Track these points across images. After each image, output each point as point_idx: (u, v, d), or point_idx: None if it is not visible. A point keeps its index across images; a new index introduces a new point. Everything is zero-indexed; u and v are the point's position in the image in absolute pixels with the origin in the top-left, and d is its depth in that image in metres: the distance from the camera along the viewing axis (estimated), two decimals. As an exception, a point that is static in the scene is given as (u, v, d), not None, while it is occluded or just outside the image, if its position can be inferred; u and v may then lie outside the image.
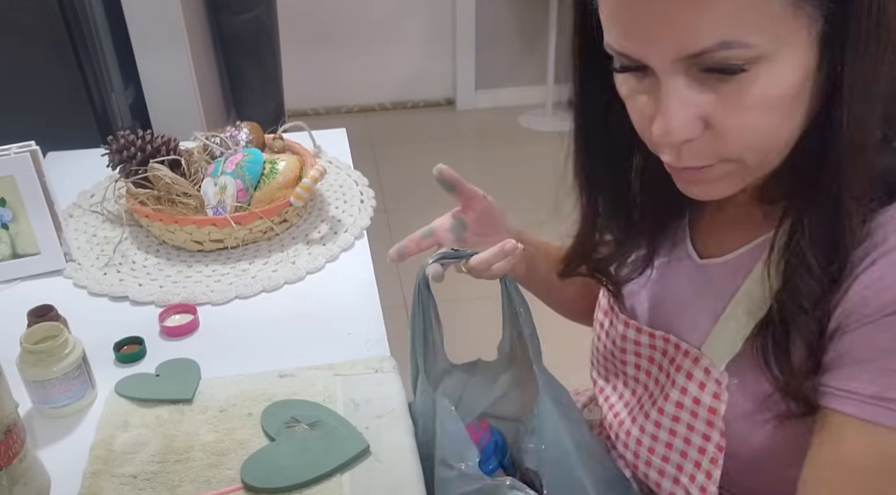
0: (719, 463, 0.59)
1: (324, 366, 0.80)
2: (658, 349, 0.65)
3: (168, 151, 1.08)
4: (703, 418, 0.60)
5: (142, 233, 1.08)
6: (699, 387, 0.60)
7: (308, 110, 3.47)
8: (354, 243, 1.05)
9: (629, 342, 0.68)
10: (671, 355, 0.63)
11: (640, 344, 0.67)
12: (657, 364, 0.66)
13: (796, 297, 0.51)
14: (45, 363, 0.72)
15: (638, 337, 0.67)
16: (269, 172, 1.06)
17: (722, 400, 0.58)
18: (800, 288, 0.51)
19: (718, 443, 0.59)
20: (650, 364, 0.67)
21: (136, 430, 0.72)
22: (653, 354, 0.66)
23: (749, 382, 0.57)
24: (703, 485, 0.60)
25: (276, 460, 0.68)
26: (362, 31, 3.36)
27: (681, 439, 0.62)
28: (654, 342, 0.65)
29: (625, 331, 0.68)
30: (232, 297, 0.94)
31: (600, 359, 0.74)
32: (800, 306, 0.51)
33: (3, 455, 0.60)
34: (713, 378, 0.59)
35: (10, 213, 0.97)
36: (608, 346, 0.71)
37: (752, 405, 0.57)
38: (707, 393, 0.59)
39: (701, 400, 0.59)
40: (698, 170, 0.52)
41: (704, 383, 0.59)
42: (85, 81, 1.58)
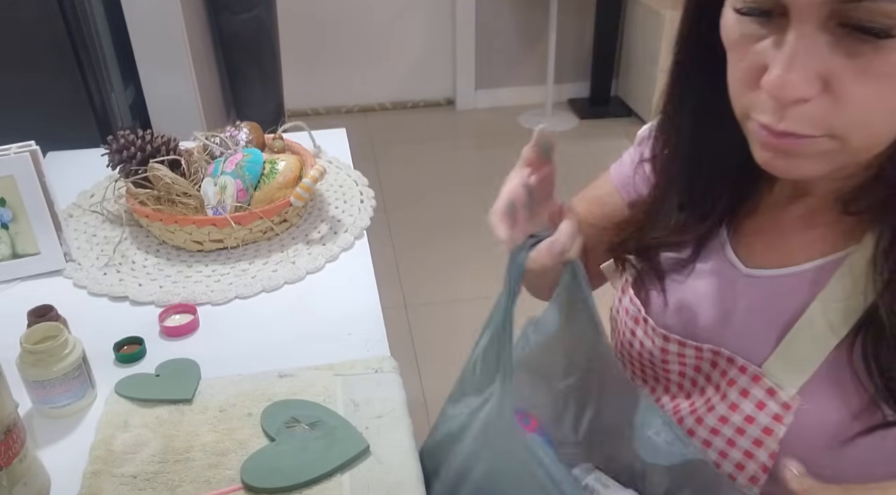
0: (761, 481, 0.57)
1: (324, 366, 0.80)
2: (706, 360, 0.61)
3: (168, 151, 1.08)
4: (750, 436, 0.56)
5: (142, 233, 1.08)
6: (757, 407, 0.56)
7: (308, 110, 3.47)
8: (354, 243, 1.05)
9: (672, 354, 0.63)
10: (722, 368, 0.59)
11: (686, 356, 0.62)
12: (704, 374, 0.62)
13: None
14: (45, 363, 0.72)
15: (682, 350, 0.62)
16: (268, 172, 1.06)
17: (785, 423, 0.54)
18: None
19: (764, 464, 0.56)
20: (696, 373, 0.62)
21: (136, 430, 0.72)
22: (700, 364, 0.62)
23: (821, 406, 0.53)
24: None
25: (276, 460, 0.68)
26: (362, 32, 3.36)
27: (714, 452, 0.59)
28: (701, 354, 0.61)
29: (664, 344, 0.63)
30: (232, 297, 0.94)
31: (636, 364, 0.69)
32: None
33: (3, 455, 0.60)
34: (780, 400, 0.54)
35: (10, 213, 0.97)
36: (645, 355, 0.66)
37: (830, 429, 0.53)
38: (766, 413, 0.55)
39: (756, 419, 0.56)
40: (796, 140, 0.47)
41: (765, 403, 0.55)
42: (85, 81, 1.58)
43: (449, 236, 2.50)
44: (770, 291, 0.58)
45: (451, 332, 2.01)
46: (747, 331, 0.58)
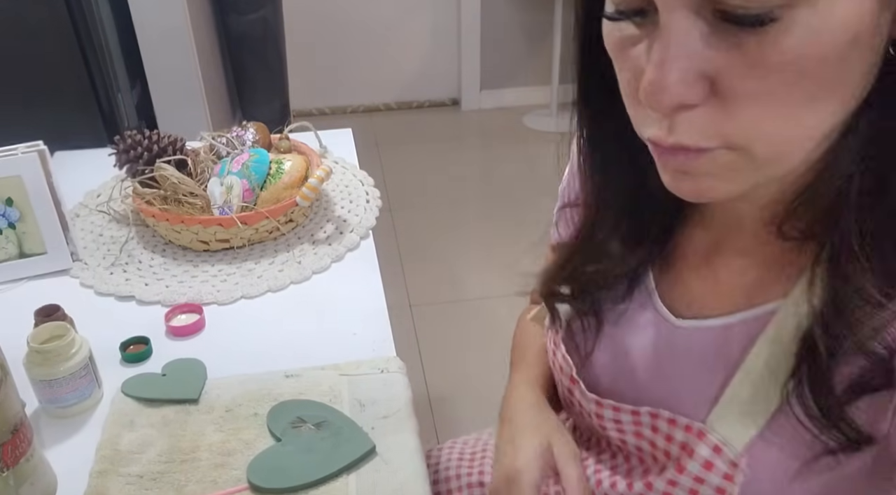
0: None
1: (329, 367, 0.80)
2: (646, 425, 0.56)
3: (174, 151, 1.08)
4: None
5: (148, 232, 1.08)
6: (705, 467, 0.51)
7: (313, 110, 3.47)
8: (360, 243, 1.05)
9: (608, 420, 0.58)
10: (664, 431, 0.54)
11: (622, 422, 0.57)
12: (647, 440, 0.56)
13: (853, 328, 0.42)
14: (52, 362, 0.72)
15: (617, 415, 0.57)
16: (275, 172, 1.06)
17: (736, 482, 0.50)
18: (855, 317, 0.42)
19: None
20: (638, 439, 0.57)
21: (143, 430, 0.72)
22: (640, 430, 0.56)
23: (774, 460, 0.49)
24: None
25: (282, 460, 0.68)
26: (368, 32, 3.36)
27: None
28: (639, 419, 0.56)
29: (598, 409, 0.59)
30: (238, 297, 0.94)
31: (575, 426, 0.67)
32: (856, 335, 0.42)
33: (10, 454, 0.60)
34: (726, 458, 0.50)
35: (17, 213, 0.97)
36: (585, 417, 0.62)
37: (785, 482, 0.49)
38: (715, 474, 0.51)
39: (706, 480, 0.51)
40: (693, 155, 0.41)
41: (712, 462, 0.51)
42: (92, 81, 1.58)
43: (454, 236, 2.50)
44: (708, 342, 0.53)
45: (457, 333, 2.01)
46: (687, 386, 0.53)
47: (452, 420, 1.74)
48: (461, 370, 1.85)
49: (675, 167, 0.43)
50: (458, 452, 0.88)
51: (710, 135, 0.39)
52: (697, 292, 0.55)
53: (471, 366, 1.85)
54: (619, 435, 0.59)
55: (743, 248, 0.52)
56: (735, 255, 0.53)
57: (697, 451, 0.51)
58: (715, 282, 0.54)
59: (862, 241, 0.41)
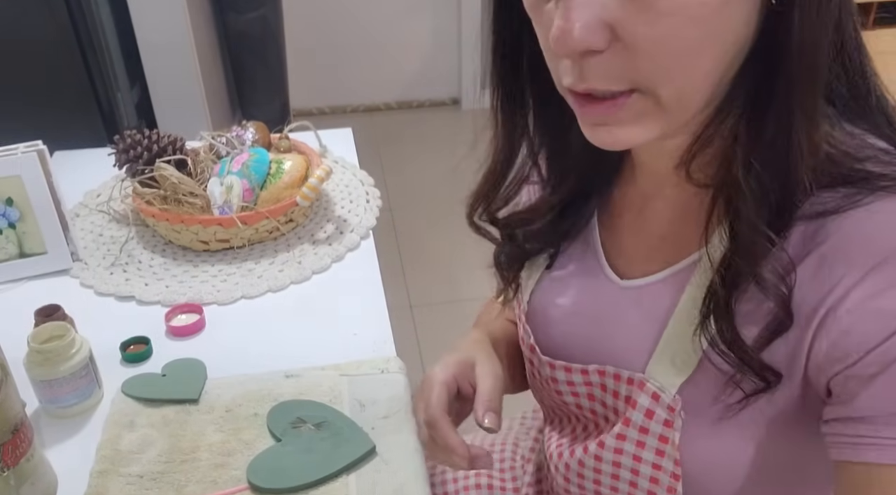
0: (678, 491, 0.55)
1: (330, 367, 0.80)
2: (595, 385, 0.58)
3: (174, 151, 1.08)
4: (651, 447, 0.54)
5: (148, 232, 1.08)
6: (647, 416, 0.53)
7: (313, 110, 3.47)
8: (360, 243, 1.05)
9: (562, 383, 0.61)
10: (612, 388, 0.57)
11: (574, 383, 0.60)
12: (599, 400, 0.59)
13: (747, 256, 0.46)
14: (52, 362, 0.72)
15: (569, 377, 0.60)
16: (275, 172, 1.06)
17: (675, 427, 0.52)
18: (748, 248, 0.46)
19: (673, 472, 0.54)
20: (591, 401, 0.60)
21: (143, 430, 0.72)
22: (591, 391, 0.59)
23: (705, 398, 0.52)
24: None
25: (282, 460, 0.68)
26: (368, 31, 3.36)
27: (627, 470, 0.57)
28: (588, 379, 0.59)
29: (552, 373, 0.62)
30: (238, 297, 0.94)
31: (537, 394, 0.68)
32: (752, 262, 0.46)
33: (11, 454, 0.60)
34: (664, 404, 0.52)
35: (17, 213, 0.97)
36: (543, 385, 0.65)
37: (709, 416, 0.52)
38: (656, 421, 0.53)
39: (650, 429, 0.54)
40: (607, 104, 0.45)
41: (653, 410, 0.53)
42: (91, 81, 1.58)
43: (454, 236, 2.50)
44: (648, 298, 0.56)
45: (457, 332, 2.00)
46: (629, 341, 0.56)
47: (452, 419, 1.74)
48: (461, 369, 1.85)
49: (593, 120, 0.47)
50: None
51: (616, 78, 0.44)
52: (635, 250, 0.59)
53: (471, 365, 1.85)
54: (574, 398, 0.61)
55: (666, 202, 0.56)
56: (661, 210, 0.57)
57: (639, 402, 0.54)
58: (648, 239, 0.58)
59: (749, 177, 0.45)
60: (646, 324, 0.55)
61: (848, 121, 0.48)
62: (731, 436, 0.52)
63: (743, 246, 0.46)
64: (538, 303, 0.65)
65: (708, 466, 0.53)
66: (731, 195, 0.47)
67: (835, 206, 0.45)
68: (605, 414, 0.60)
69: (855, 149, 0.47)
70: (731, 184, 0.46)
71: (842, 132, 0.47)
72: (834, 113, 0.48)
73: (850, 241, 0.44)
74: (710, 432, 0.52)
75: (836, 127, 0.47)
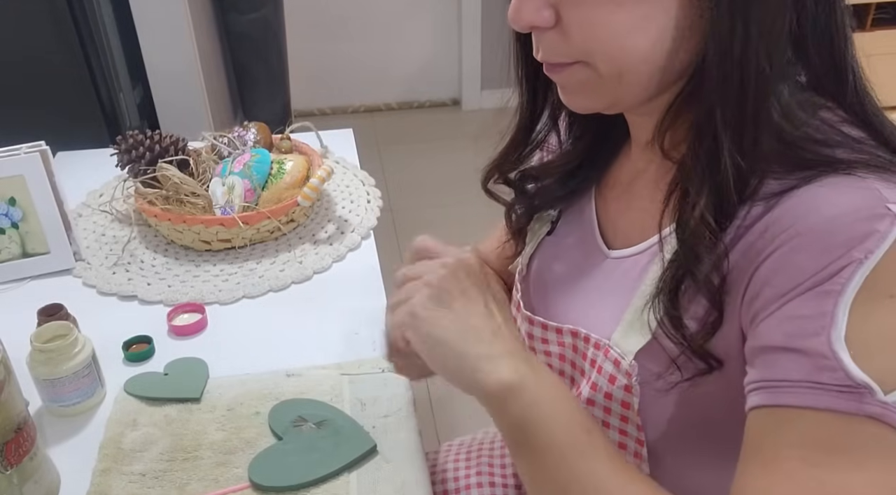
0: (644, 456, 0.56)
1: (331, 366, 0.81)
2: (567, 345, 0.61)
3: (176, 151, 1.09)
4: (616, 413, 0.56)
5: (150, 232, 1.08)
6: (609, 381, 0.55)
7: (314, 110, 3.47)
8: (361, 243, 1.06)
9: (537, 340, 0.63)
10: (582, 350, 0.59)
11: (548, 341, 0.62)
12: (569, 361, 0.61)
13: (692, 246, 0.48)
14: (55, 362, 0.72)
15: (545, 334, 0.62)
16: (276, 172, 1.06)
17: (634, 393, 0.54)
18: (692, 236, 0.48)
19: (638, 438, 0.56)
20: (561, 362, 0.62)
21: (145, 429, 0.73)
22: (563, 352, 0.62)
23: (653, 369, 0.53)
24: None
25: (284, 459, 0.68)
26: (368, 31, 3.36)
27: None
28: (562, 338, 0.61)
29: (530, 328, 0.64)
30: (239, 297, 0.94)
31: None
32: (696, 255, 0.48)
33: (14, 453, 0.61)
34: (623, 369, 0.54)
35: (20, 213, 0.98)
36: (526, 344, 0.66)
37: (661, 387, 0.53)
38: (618, 386, 0.55)
39: (613, 395, 0.56)
40: (558, 69, 0.51)
41: (615, 376, 0.55)
42: (94, 81, 1.59)
43: (455, 236, 2.50)
44: (624, 268, 0.58)
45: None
46: (602, 308, 0.58)
47: (452, 420, 1.74)
48: (462, 369, 1.85)
49: (557, 83, 0.54)
50: (458, 452, 0.88)
51: (560, 52, 0.50)
52: (622, 222, 0.61)
53: (471, 365, 1.85)
54: (547, 358, 0.63)
55: (649, 177, 0.58)
56: (644, 183, 0.59)
57: (604, 367, 0.56)
58: (632, 212, 0.60)
59: (696, 160, 0.48)
60: (620, 294, 0.57)
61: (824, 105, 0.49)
62: (684, 405, 0.53)
63: (687, 234, 0.48)
64: (535, 266, 0.68)
65: (667, 432, 0.55)
66: (684, 178, 0.49)
67: (789, 186, 0.46)
68: (572, 374, 0.61)
69: (825, 136, 0.47)
70: (684, 165, 0.49)
71: (818, 120, 0.48)
72: (806, 97, 0.49)
73: (789, 211, 0.45)
74: (666, 401, 0.53)
75: (813, 115, 0.48)
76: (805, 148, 0.47)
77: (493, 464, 0.84)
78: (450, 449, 0.89)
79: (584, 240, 0.64)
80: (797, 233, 0.44)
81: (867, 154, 0.46)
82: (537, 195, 0.68)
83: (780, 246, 0.45)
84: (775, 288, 0.45)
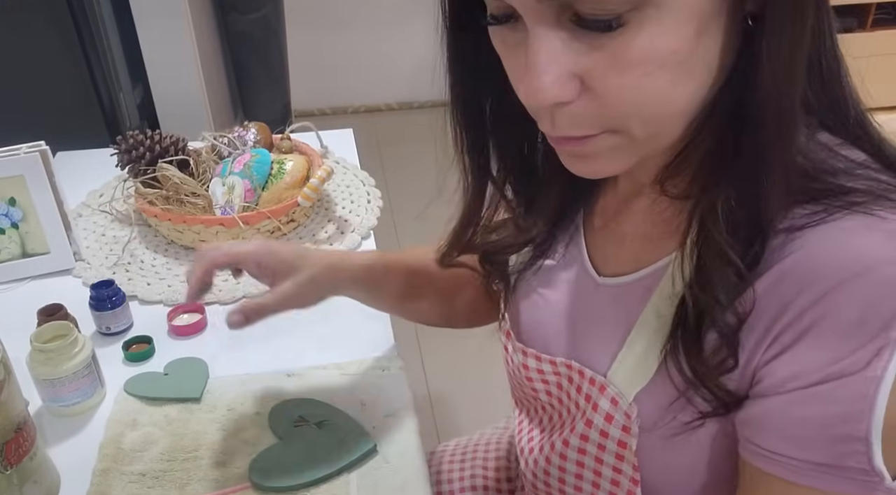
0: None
1: (331, 366, 0.81)
2: (563, 376, 0.58)
3: (176, 151, 1.09)
4: (612, 451, 0.54)
5: (150, 232, 1.08)
6: (606, 420, 0.53)
7: (315, 110, 3.47)
8: (361, 243, 1.06)
9: (532, 371, 0.62)
10: (577, 382, 0.57)
11: (544, 372, 0.60)
12: (565, 391, 0.59)
13: (711, 289, 0.45)
14: (55, 362, 0.72)
15: (539, 365, 0.61)
16: (276, 172, 1.06)
17: (632, 433, 0.52)
18: (714, 279, 0.45)
19: (633, 477, 0.54)
20: (559, 391, 0.60)
21: (145, 429, 0.73)
22: (560, 381, 0.59)
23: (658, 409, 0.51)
24: None
25: (284, 459, 0.68)
26: (369, 32, 3.36)
27: (590, 471, 0.57)
28: (557, 369, 0.59)
29: (524, 360, 0.62)
30: (240, 297, 0.94)
31: (512, 384, 0.69)
32: (715, 298, 0.45)
33: (14, 453, 0.60)
34: (622, 409, 0.52)
35: (20, 213, 0.98)
36: (515, 373, 0.65)
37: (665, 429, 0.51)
38: (615, 426, 0.53)
39: (609, 434, 0.54)
40: (579, 141, 0.45)
41: (612, 415, 0.53)
42: (94, 81, 1.59)
43: (455, 236, 2.50)
44: (617, 298, 0.55)
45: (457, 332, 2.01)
46: (597, 341, 0.56)
47: (453, 420, 1.74)
48: (461, 370, 1.86)
49: (567, 152, 0.48)
50: (452, 453, 0.88)
51: (589, 124, 0.44)
52: (609, 251, 0.59)
53: (471, 365, 1.86)
54: (544, 386, 0.62)
55: (640, 207, 0.56)
56: (636, 213, 0.57)
57: (600, 405, 0.54)
58: (622, 240, 0.57)
59: (718, 200, 0.45)
60: (614, 326, 0.55)
61: (827, 130, 0.47)
62: (687, 449, 0.51)
63: (709, 272, 0.45)
64: (520, 290, 0.66)
65: (664, 474, 0.53)
66: (702, 214, 0.46)
67: (802, 223, 0.44)
68: (568, 405, 0.60)
69: (825, 163, 0.46)
70: (703, 201, 0.46)
71: (815, 143, 0.46)
72: (810, 123, 0.47)
73: (811, 260, 0.43)
74: (667, 443, 0.51)
75: (811, 139, 0.46)
76: (814, 177, 0.45)
77: (487, 468, 0.84)
78: (444, 451, 0.89)
79: (571, 264, 0.62)
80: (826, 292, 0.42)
81: (873, 180, 0.45)
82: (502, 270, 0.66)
83: (809, 308, 0.42)
84: (805, 362, 0.43)
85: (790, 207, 0.44)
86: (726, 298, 0.45)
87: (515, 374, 0.65)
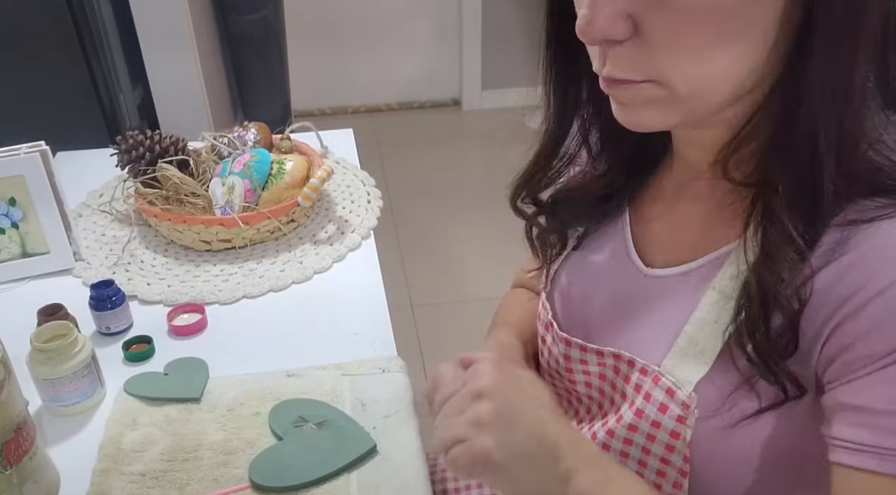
0: (684, 487, 0.54)
1: (331, 366, 0.80)
2: (608, 367, 0.58)
3: (176, 151, 1.09)
4: (661, 441, 0.54)
5: (150, 232, 1.08)
6: (660, 410, 0.53)
7: (315, 110, 3.47)
8: (361, 243, 1.06)
9: (574, 361, 0.61)
10: (624, 373, 0.57)
11: (588, 362, 0.60)
12: (609, 381, 0.59)
13: (776, 268, 0.45)
14: (55, 361, 0.72)
15: (583, 356, 0.60)
16: (276, 172, 1.06)
17: (688, 424, 0.52)
18: (778, 257, 0.45)
19: (681, 469, 0.54)
20: (601, 381, 0.60)
21: (145, 429, 0.73)
22: (603, 372, 0.59)
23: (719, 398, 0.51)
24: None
25: (284, 459, 0.68)
26: (368, 32, 3.36)
27: (634, 462, 0.57)
28: (602, 360, 0.59)
29: (566, 350, 0.62)
30: (240, 297, 0.94)
31: (547, 376, 0.68)
32: (780, 277, 0.45)
33: (13, 453, 0.60)
34: (678, 400, 0.52)
35: (20, 213, 0.98)
36: (552, 364, 0.65)
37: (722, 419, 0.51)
38: (670, 416, 0.52)
39: (662, 423, 0.53)
40: (624, 86, 0.46)
41: (666, 405, 0.52)
42: (94, 82, 1.59)
43: (455, 236, 2.50)
44: (669, 289, 0.56)
45: (458, 332, 2.01)
46: (647, 331, 0.56)
47: (453, 419, 1.74)
48: (462, 370, 1.85)
49: (616, 99, 0.49)
50: None
51: (633, 68, 0.45)
52: (662, 239, 0.59)
53: (472, 365, 1.85)
54: (585, 377, 0.61)
55: (699, 196, 0.56)
56: (693, 203, 0.57)
57: (653, 395, 0.53)
58: (676, 229, 0.57)
59: (786, 185, 0.45)
60: (666, 316, 0.55)
61: None
62: (743, 440, 0.51)
63: (775, 255, 0.46)
64: (562, 281, 0.66)
65: (717, 466, 0.53)
66: (767, 198, 0.47)
67: (869, 216, 0.44)
68: (612, 395, 0.59)
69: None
70: (768, 186, 0.46)
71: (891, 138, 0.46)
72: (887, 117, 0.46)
73: (878, 252, 0.43)
74: (723, 434, 0.51)
75: (886, 131, 0.45)
76: (883, 170, 0.45)
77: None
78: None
79: (615, 255, 0.62)
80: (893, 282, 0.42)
81: None
82: (568, 217, 0.66)
83: (874, 297, 0.43)
84: (872, 346, 0.43)
85: (859, 200, 0.45)
86: (789, 276, 0.45)
87: (552, 366, 0.65)
